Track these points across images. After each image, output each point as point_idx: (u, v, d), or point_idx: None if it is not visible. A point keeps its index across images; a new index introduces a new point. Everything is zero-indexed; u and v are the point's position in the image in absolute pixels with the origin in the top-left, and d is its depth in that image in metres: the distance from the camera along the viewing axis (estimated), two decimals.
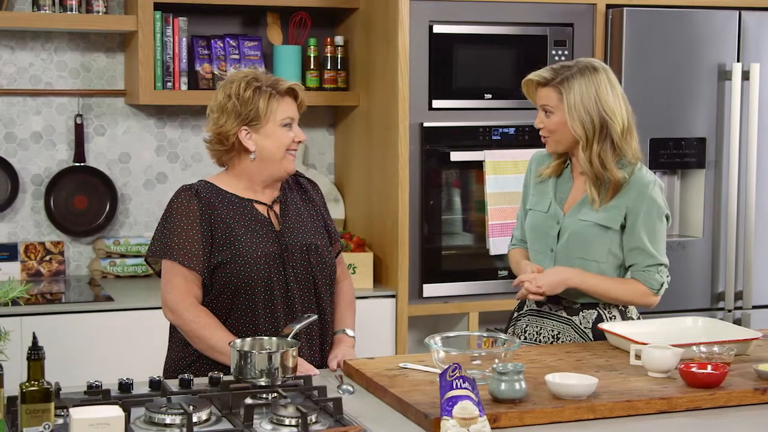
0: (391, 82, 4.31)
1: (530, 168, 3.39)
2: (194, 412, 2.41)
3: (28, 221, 4.59)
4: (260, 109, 3.01)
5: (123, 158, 4.69)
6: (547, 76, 3.18)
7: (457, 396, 2.35)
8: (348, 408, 2.58)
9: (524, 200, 3.39)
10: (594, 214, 3.17)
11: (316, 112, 4.91)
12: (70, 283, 4.53)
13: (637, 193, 3.15)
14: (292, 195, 3.19)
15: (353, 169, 4.79)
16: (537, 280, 3.13)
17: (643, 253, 3.18)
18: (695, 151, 4.58)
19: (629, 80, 4.46)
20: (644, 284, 3.19)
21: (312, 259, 3.10)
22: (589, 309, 3.23)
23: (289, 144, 3.05)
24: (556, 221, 3.23)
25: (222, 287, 3.01)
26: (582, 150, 3.14)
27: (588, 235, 3.18)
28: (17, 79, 4.54)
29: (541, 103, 3.20)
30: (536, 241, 3.30)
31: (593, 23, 4.51)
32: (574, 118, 3.11)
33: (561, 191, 3.28)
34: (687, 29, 4.52)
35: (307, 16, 4.65)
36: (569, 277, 3.15)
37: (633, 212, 3.15)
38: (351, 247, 4.45)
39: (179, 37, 4.45)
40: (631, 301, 3.24)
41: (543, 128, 3.21)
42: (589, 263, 3.18)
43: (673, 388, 2.64)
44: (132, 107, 4.67)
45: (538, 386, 2.62)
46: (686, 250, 4.58)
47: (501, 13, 4.39)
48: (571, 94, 3.12)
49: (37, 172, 4.59)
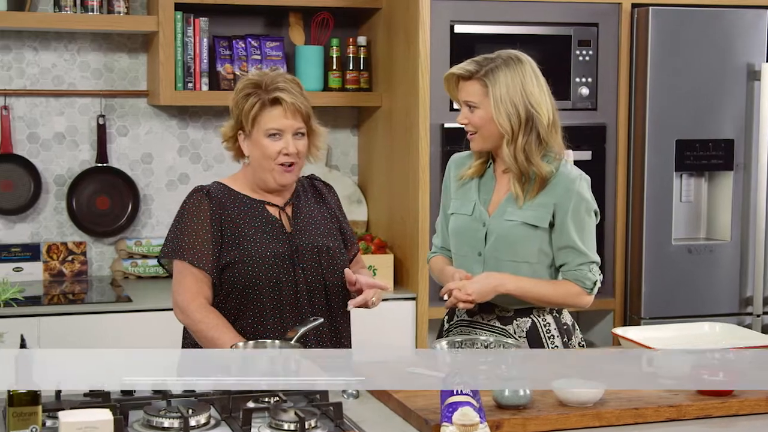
0: (412, 83, 4.27)
1: (449, 172, 3.28)
2: (193, 415, 2.39)
3: (51, 221, 4.60)
4: (245, 115, 2.98)
5: (145, 159, 4.69)
6: (471, 69, 3.05)
7: (457, 402, 2.32)
8: (352, 412, 2.55)
9: (444, 206, 3.28)
10: (520, 213, 3.05)
11: (340, 112, 4.88)
12: (92, 283, 4.53)
13: (564, 189, 3.05)
14: (306, 197, 3.15)
15: (376, 170, 4.75)
16: (466, 287, 2.99)
17: (574, 252, 3.06)
18: (723, 153, 4.50)
19: (655, 81, 4.39)
20: (577, 284, 3.08)
21: (323, 261, 3.06)
22: (523, 317, 3.12)
23: (274, 156, 2.97)
24: (482, 223, 3.12)
25: (230, 287, 2.99)
26: (506, 144, 3.02)
27: (516, 235, 3.06)
28: (40, 79, 4.55)
29: (465, 99, 3.07)
30: (462, 245, 3.18)
31: (618, 23, 4.44)
32: (500, 111, 2.99)
33: (484, 192, 3.16)
34: (714, 28, 4.44)
35: (330, 16, 4.63)
36: (501, 283, 3.02)
37: (561, 209, 3.04)
38: (372, 249, 4.42)
39: (200, 38, 4.43)
40: (564, 303, 3.13)
41: (468, 124, 3.09)
42: (520, 264, 3.07)
43: (683, 396, 2.58)
44: (154, 108, 4.66)
45: (546, 392, 2.57)
46: (714, 253, 4.49)
47: (524, 13, 4.34)
48: (497, 86, 3.00)
49: (59, 173, 4.60)
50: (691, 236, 4.60)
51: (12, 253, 4.49)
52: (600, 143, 4.45)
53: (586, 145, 4.41)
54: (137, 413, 2.44)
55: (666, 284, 4.44)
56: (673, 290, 4.45)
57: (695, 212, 4.62)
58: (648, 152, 4.41)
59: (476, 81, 3.03)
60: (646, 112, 4.40)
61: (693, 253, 4.46)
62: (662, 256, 4.42)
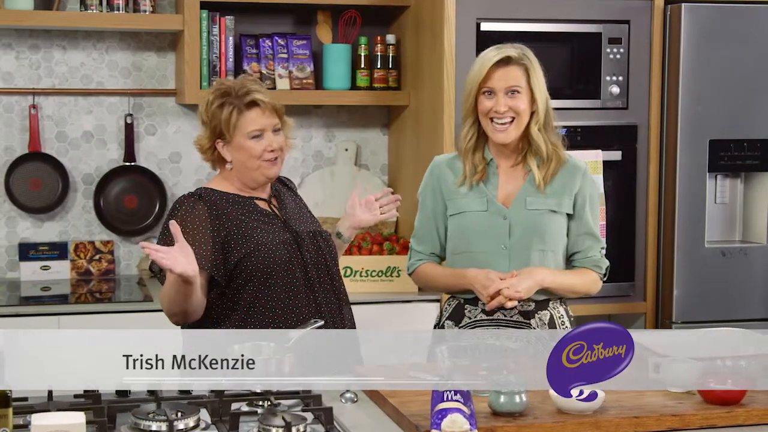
0: (438, 82, 4.21)
1: (439, 174, 3.22)
2: (182, 418, 2.36)
3: (79, 220, 4.60)
4: (224, 123, 3.05)
5: (173, 158, 4.68)
6: (513, 54, 3.09)
7: (447, 408, 2.26)
8: (347, 417, 2.51)
9: (434, 209, 3.22)
10: (543, 201, 3.10)
11: (369, 111, 4.84)
12: (120, 282, 4.53)
13: (580, 176, 3.14)
14: (282, 189, 3.26)
15: (404, 170, 4.70)
16: (515, 285, 2.98)
17: (592, 238, 3.16)
18: (759, 153, 4.37)
19: (688, 79, 4.28)
20: (595, 271, 3.16)
21: (321, 243, 3.16)
22: (542, 310, 3.14)
23: (261, 154, 3.06)
24: (502, 216, 3.11)
25: (247, 277, 3.01)
26: (534, 123, 3.09)
27: (543, 223, 3.10)
28: (69, 78, 4.56)
29: (509, 84, 3.06)
30: (481, 242, 3.13)
31: (650, 20, 4.33)
32: (542, 93, 3.10)
33: (490, 188, 3.15)
34: (749, 25, 4.32)
35: (358, 14, 4.58)
36: (543, 278, 3.06)
37: (581, 196, 3.13)
38: (396, 250, 4.36)
39: (226, 36, 4.41)
40: (587, 292, 3.20)
41: (507, 111, 3.07)
42: (547, 253, 3.11)
43: (688, 405, 2.50)
44: (183, 107, 4.65)
45: (545, 399, 2.50)
46: (748, 256, 4.37)
47: (552, 10, 4.25)
48: (534, 71, 3.09)
49: (87, 172, 4.60)
50: (726, 239, 4.48)
51: (40, 252, 4.51)
52: (631, 143, 4.35)
53: (616, 146, 4.32)
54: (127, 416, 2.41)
55: (698, 288, 4.33)
56: (705, 294, 4.33)
57: (730, 214, 4.50)
58: (680, 153, 4.30)
59: (519, 66, 3.07)
60: (679, 111, 4.29)
61: (727, 256, 4.34)
62: (695, 258, 4.31)
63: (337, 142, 4.81)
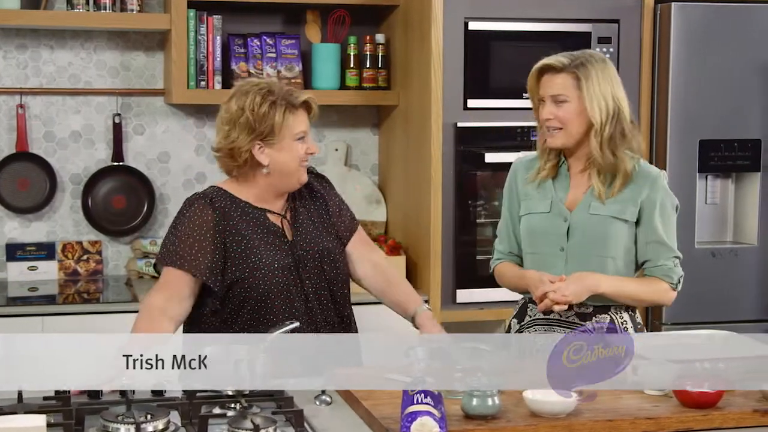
0: (426, 81, 4.19)
1: (515, 176, 3.21)
2: (151, 421, 2.33)
3: (67, 220, 4.58)
4: (276, 123, 2.94)
5: (162, 158, 4.66)
6: (564, 61, 3.03)
7: (417, 411, 2.24)
8: (320, 420, 2.49)
9: (510, 210, 3.21)
10: (606, 207, 3.03)
11: (359, 111, 4.81)
12: (108, 282, 4.51)
13: (650, 184, 3.04)
14: (300, 197, 3.11)
15: (394, 170, 4.67)
16: (562, 289, 2.93)
17: (662, 247, 3.06)
18: (750, 154, 4.34)
19: (678, 79, 4.25)
20: (665, 280, 3.07)
21: (325, 266, 3.04)
22: (602, 313, 3.07)
23: (304, 157, 3.01)
24: (563, 219, 3.07)
25: (242, 302, 2.95)
26: (594, 136, 2.99)
27: (603, 229, 3.03)
28: (56, 78, 4.54)
29: (555, 92, 3.02)
30: (540, 243, 3.11)
31: (641, 19, 4.31)
32: (593, 104, 2.99)
33: (560, 191, 3.11)
34: (740, 25, 4.29)
35: (347, 13, 4.55)
36: (596, 284, 2.97)
37: (648, 204, 3.03)
38: (385, 251, 4.33)
39: (213, 36, 4.39)
40: (653, 301, 3.16)
41: (552, 120, 3.04)
42: (606, 260, 3.03)
43: (664, 408, 2.47)
44: (171, 106, 4.63)
45: (519, 402, 2.47)
46: (739, 257, 4.34)
47: (541, 9, 4.23)
48: (590, 80, 3.00)
49: (75, 172, 4.58)
50: (717, 239, 4.45)
51: (27, 252, 4.49)
52: None
53: None
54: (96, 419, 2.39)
55: (689, 289, 4.19)
56: (696, 295, 4.28)
57: (722, 215, 4.47)
58: (670, 153, 4.28)
59: (568, 74, 3.02)
60: (669, 111, 4.26)
61: (717, 257, 4.31)
62: (685, 260, 4.20)
63: (327, 142, 4.79)
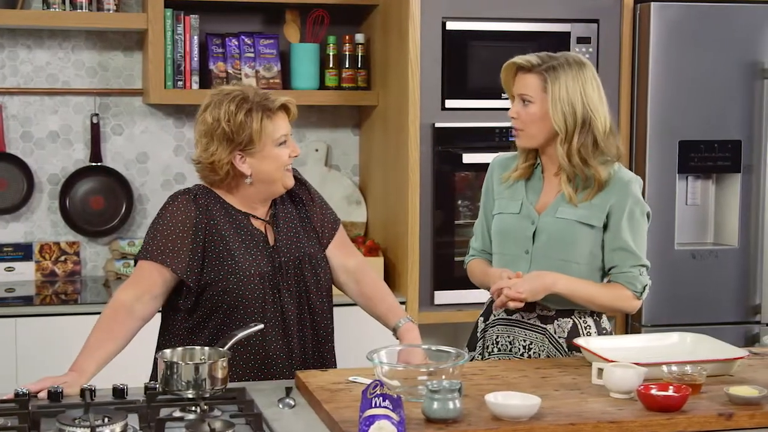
0: (403, 81, 4.17)
1: (492, 173, 3.18)
2: (108, 424, 2.30)
3: (44, 221, 4.56)
4: (255, 132, 2.82)
5: (141, 158, 4.63)
6: (533, 61, 2.96)
7: (375, 415, 2.21)
8: (282, 423, 2.45)
9: (485, 208, 3.18)
10: (573, 212, 2.97)
11: (340, 111, 4.79)
12: (86, 283, 4.48)
13: (619, 190, 2.97)
14: (282, 202, 3.00)
15: (374, 171, 4.65)
16: (517, 285, 2.90)
17: (627, 254, 2.98)
18: (730, 155, 4.32)
19: (658, 79, 4.23)
20: (628, 287, 2.99)
21: (306, 272, 2.95)
22: (565, 317, 3.03)
23: (287, 162, 2.89)
24: (531, 221, 3.02)
25: (213, 307, 2.86)
26: (560, 144, 2.94)
27: (569, 234, 2.98)
28: (34, 78, 4.51)
29: (521, 91, 2.97)
30: (507, 244, 3.07)
31: (620, 19, 4.29)
32: (557, 108, 2.91)
33: (532, 193, 3.07)
34: (720, 25, 4.27)
35: (326, 13, 4.53)
36: (553, 282, 2.92)
37: (616, 210, 2.97)
38: (362, 252, 4.31)
39: (191, 35, 4.36)
40: (614, 307, 3.04)
41: (516, 119, 2.99)
42: (570, 264, 2.98)
43: (628, 411, 2.44)
44: (150, 107, 4.60)
45: (482, 405, 2.44)
46: (719, 259, 4.32)
47: (519, 9, 4.21)
48: (557, 83, 2.92)
49: (53, 172, 4.55)
50: (697, 241, 4.42)
51: (4, 253, 4.46)
52: None
53: None
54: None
55: (668, 291, 4.26)
56: (675, 297, 4.28)
57: (702, 216, 4.44)
58: (650, 154, 4.26)
59: (536, 74, 2.95)
60: (648, 111, 4.25)
61: (697, 259, 4.29)
62: (664, 261, 4.24)
63: (307, 143, 4.76)
